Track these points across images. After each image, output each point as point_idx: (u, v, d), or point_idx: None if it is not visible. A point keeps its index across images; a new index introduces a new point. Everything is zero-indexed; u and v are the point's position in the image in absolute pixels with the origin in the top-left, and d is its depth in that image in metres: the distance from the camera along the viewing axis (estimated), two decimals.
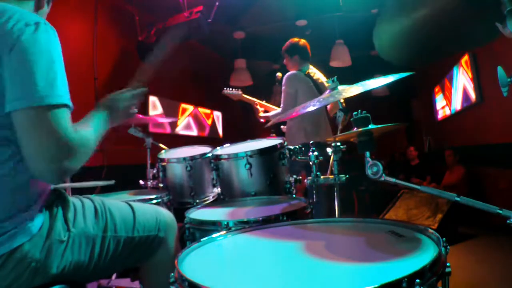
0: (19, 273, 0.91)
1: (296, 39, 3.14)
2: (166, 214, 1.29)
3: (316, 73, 3.09)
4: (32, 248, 0.92)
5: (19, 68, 0.85)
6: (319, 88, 2.98)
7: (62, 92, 0.88)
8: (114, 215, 1.13)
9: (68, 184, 2.11)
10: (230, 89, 3.30)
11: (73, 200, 1.09)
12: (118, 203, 1.20)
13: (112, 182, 2.23)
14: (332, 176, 1.58)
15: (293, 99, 2.90)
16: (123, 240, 1.12)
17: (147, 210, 1.24)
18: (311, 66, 3.12)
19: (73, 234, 1.01)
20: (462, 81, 5.10)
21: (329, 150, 1.58)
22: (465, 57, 4.83)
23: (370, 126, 1.05)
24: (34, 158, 0.86)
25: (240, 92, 3.28)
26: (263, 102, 3.23)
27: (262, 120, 3.14)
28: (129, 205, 1.21)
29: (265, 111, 3.18)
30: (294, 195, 1.77)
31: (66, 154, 0.87)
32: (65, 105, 0.89)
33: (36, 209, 0.97)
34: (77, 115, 1.01)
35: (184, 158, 2.02)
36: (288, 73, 3.01)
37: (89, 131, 1.00)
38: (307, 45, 3.12)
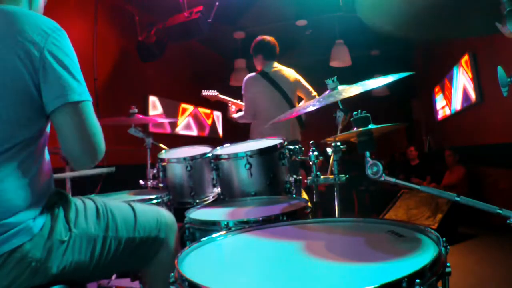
0: (19, 273, 0.91)
1: (261, 37, 3.09)
2: (167, 215, 1.29)
3: (282, 70, 3.05)
4: (33, 248, 0.93)
5: (54, 76, 0.96)
6: (279, 87, 2.95)
7: (87, 92, 1.04)
8: (115, 216, 1.13)
9: (73, 174, 2.13)
10: (208, 91, 3.33)
11: (75, 200, 1.10)
12: (120, 204, 1.20)
13: (113, 169, 2.22)
14: (332, 176, 1.58)
15: (252, 103, 2.96)
16: (124, 241, 1.12)
17: (148, 211, 1.24)
18: (276, 64, 3.07)
19: (74, 235, 1.01)
20: (462, 81, 5.10)
21: (329, 150, 1.58)
22: (465, 57, 4.83)
23: (370, 126, 1.05)
24: (76, 145, 1.00)
25: (216, 93, 3.31)
26: (238, 101, 3.24)
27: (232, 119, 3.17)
28: (130, 206, 1.22)
29: (239, 110, 3.20)
30: (294, 195, 1.77)
31: (99, 136, 1.04)
32: (91, 101, 1.06)
33: (38, 209, 0.97)
34: None
35: (184, 158, 2.02)
36: (245, 77, 3.02)
37: None
38: (271, 42, 3.05)
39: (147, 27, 4.60)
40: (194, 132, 6.51)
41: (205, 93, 3.34)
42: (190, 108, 6.41)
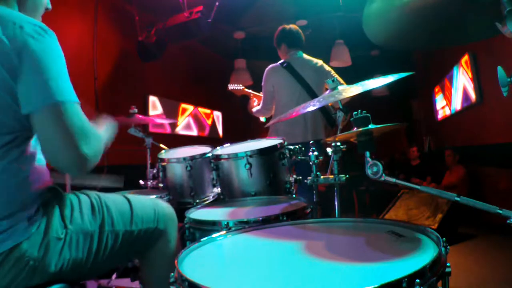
0: (18, 272, 0.91)
1: (282, 26, 2.94)
2: (165, 206, 1.28)
3: (309, 60, 2.87)
4: (30, 246, 0.92)
5: (33, 74, 0.90)
6: (301, 79, 2.74)
7: (73, 93, 0.96)
8: (110, 209, 1.12)
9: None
10: (233, 84, 3.23)
11: (70, 196, 1.09)
12: (115, 197, 1.19)
13: (121, 182, 2.14)
14: (332, 176, 1.58)
15: (270, 96, 2.81)
16: (121, 234, 1.11)
17: (144, 203, 1.23)
18: (301, 53, 2.89)
19: (70, 231, 1.00)
20: (462, 81, 5.10)
21: (329, 150, 1.58)
22: (465, 57, 4.83)
23: (370, 126, 1.05)
24: (58, 149, 0.91)
25: (242, 87, 3.20)
26: (261, 94, 3.08)
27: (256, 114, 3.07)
28: (126, 198, 1.20)
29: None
30: (294, 195, 1.77)
31: (84, 141, 0.93)
32: (78, 103, 0.97)
33: (34, 207, 0.97)
34: None
35: (184, 158, 2.02)
36: (267, 68, 2.87)
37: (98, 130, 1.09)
38: (294, 29, 2.90)
39: (147, 27, 4.60)
40: (194, 132, 6.50)
41: (231, 87, 3.22)
42: (190, 108, 6.41)
